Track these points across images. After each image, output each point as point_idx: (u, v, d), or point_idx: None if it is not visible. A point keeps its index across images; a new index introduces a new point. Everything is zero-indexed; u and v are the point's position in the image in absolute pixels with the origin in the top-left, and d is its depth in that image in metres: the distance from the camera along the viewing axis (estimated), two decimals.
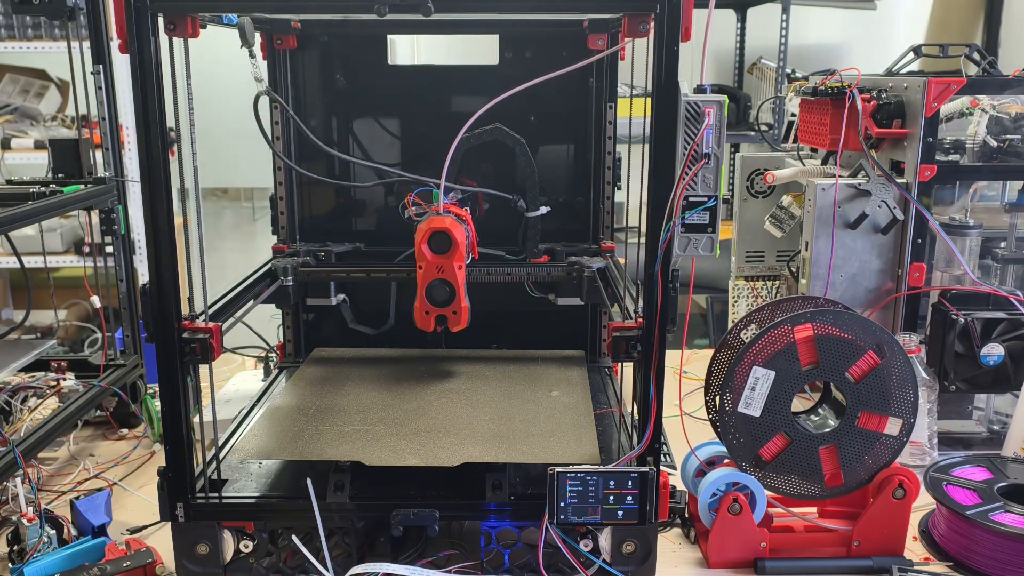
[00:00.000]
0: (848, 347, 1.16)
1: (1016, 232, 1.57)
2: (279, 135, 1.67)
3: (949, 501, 1.22)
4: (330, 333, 1.75)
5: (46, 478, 1.49)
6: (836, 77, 1.56)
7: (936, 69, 1.72)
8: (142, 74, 1.04)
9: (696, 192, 1.07)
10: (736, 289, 1.82)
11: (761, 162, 1.77)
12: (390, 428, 1.29)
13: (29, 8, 1.52)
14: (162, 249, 1.09)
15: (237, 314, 1.38)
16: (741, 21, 4.37)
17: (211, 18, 1.22)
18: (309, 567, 1.13)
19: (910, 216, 1.50)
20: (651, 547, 1.15)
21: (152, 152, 1.06)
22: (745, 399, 1.16)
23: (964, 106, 1.53)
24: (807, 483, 1.20)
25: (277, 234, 1.73)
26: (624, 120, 1.66)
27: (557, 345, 1.68)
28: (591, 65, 1.63)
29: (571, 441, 1.24)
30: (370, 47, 1.69)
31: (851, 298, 1.54)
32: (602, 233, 1.73)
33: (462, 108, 1.70)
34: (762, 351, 1.16)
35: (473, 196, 1.56)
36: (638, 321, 1.12)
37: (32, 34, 3.33)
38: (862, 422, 1.18)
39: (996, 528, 1.15)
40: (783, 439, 1.18)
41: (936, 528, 1.28)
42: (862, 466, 1.19)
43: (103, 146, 1.62)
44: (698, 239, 1.09)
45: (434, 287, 1.34)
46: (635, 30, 1.08)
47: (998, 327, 1.45)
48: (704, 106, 1.04)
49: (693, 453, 1.24)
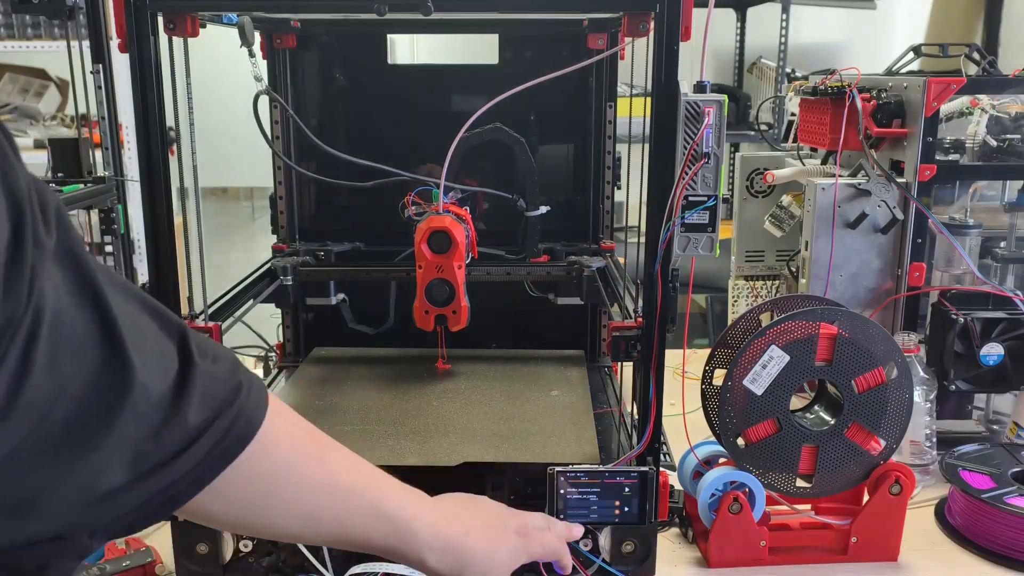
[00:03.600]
0: (864, 357, 1.17)
1: (1016, 232, 1.57)
2: (279, 135, 1.67)
3: (965, 486, 1.26)
4: (330, 333, 1.74)
5: None
6: (836, 77, 1.56)
7: (936, 69, 1.72)
8: (142, 74, 1.04)
9: (696, 191, 1.07)
10: (736, 289, 1.82)
11: (761, 162, 1.77)
12: (389, 428, 1.29)
13: (29, 7, 1.52)
14: (162, 249, 1.09)
15: (237, 313, 1.38)
16: (741, 21, 4.37)
17: (211, 17, 1.22)
18: (308, 567, 1.13)
19: (910, 216, 1.50)
20: (651, 547, 1.15)
21: (152, 152, 1.06)
22: (753, 374, 1.16)
23: (964, 106, 1.53)
24: (779, 476, 1.20)
25: (277, 233, 1.73)
26: (624, 120, 1.66)
27: (557, 345, 1.68)
28: (591, 65, 1.63)
29: (571, 441, 1.25)
30: (370, 47, 1.69)
31: (851, 298, 1.54)
32: (602, 233, 1.73)
33: (462, 108, 1.69)
34: (783, 334, 1.16)
35: (473, 196, 1.56)
36: (638, 321, 1.13)
37: (31, 33, 3.33)
38: (851, 432, 1.19)
39: (1011, 511, 1.21)
40: (773, 425, 1.18)
41: (952, 513, 1.32)
42: (836, 475, 1.20)
43: (103, 145, 1.62)
44: (698, 239, 1.09)
45: (433, 287, 1.34)
46: (635, 30, 1.08)
47: (998, 327, 1.45)
48: (704, 105, 1.04)
49: (692, 451, 1.24)
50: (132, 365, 0.56)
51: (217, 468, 0.65)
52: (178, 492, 0.63)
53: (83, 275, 0.55)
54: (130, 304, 0.59)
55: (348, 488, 0.81)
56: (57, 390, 0.52)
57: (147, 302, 0.62)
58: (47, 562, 0.58)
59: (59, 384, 0.52)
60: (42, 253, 0.51)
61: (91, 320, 0.55)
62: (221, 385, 0.65)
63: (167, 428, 0.60)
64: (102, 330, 0.55)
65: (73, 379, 0.53)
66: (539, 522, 1.02)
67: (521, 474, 1.20)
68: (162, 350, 0.61)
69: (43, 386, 0.51)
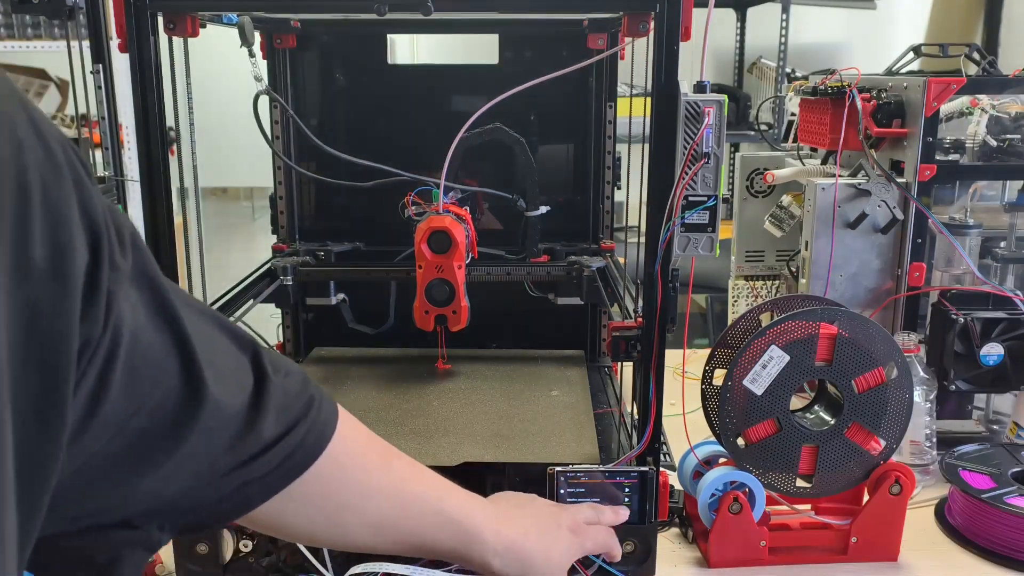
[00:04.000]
0: (864, 357, 1.17)
1: (1016, 232, 1.57)
2: (279, 134, 1.67)
3: (965, 486, 1.26)
4: (329, 333, 1.74)
5: None
6: (836, 77, 1.56)
7: (936, 69, 1.72)
8: (142, 73, 1.04)
9: (696, 191, 1.07)
10: (736, 289, 1.82)
11: (761, 162, 1.77)
12: (389, 428, 1.29)
13: (28, 7, 1.51)
14: (162, 248, 1.09)
15: (236, 313, 1.38)
16: (741, 21, 4.37)
17: (211, 17, 1.22)
18: (308, 566, 1.13)
19: (910, 216, 1.50)
20: (651, 547, 1.15)
21: (152, 152, 1.06)
22: (753, 374, 1.16)
23: (964, 106, 1.53)
24: (779, 476, 1.20)
25: (276, 233, 1.73)
26: (624, 120, 1.66)
27: (557, 345, 1.68)
28: (591, 65, 1.63)
29: (571, 441, 1.25)
30: (370, 47, 1.69)
31: (851, 298, 1.54)
32: (602, 233, 1.73)
33: (462, 108, 1.69)
34: (783, 334, 1.16)
35: (473, 196, 1.56)
36: (638, 321, 1.12)
37: (31, 33, 3.33)
38: (851, 433, 1.19)
39: (1011, 511, 1.21)
40: (773, 425, 1.18)
41: (952, 513, 1.32)
42: (836, 475, 1.20)
43: (102, 145, 1.61)
44: (698, 239, 1.09)
45: (433, 287, 1.34)
46: (635, 30, 1.08)
47: (998, 327, 1.45)
48: (704, 105, 1.04)
49: (692, 451, 1.24)
50: (205, 383, 0.58)
51: (289, 478, 0.68)
52: (250, 496, 0.66)
53: (158, 296, 0.57)
54: (204, 323, 0.62)
55: (416, 495, 0.83)
56: (134, 408, 0.54)
57: (220, 321, 0.65)
58: (118, 555, 0.60)
59: (136, 402, 0.54)
60: (119, 276, 0.52)
61: (167, 340, 0.57)
62: (294, 399, 0.68)
63: (242, 441, 0.63)
64: (177, 349, 0.57)
65: (149, 396, 0.55)
66: (589, 514, 1.04)
67: (521, 474, 1.20)
68: (237, 366, 0.64)
69: (120, 404, 0.53)
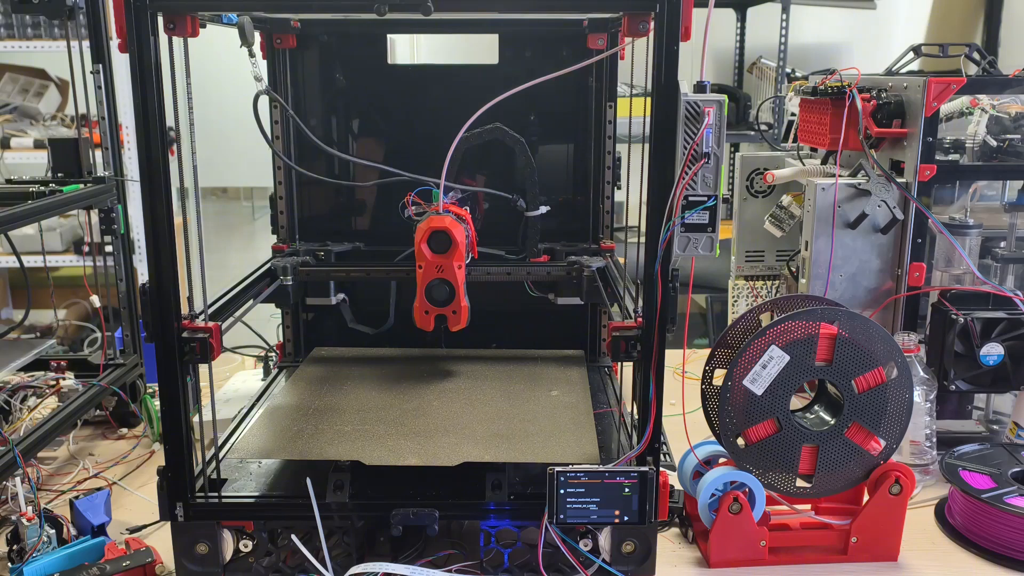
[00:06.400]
0: (864, 357, 1.17)
1: (1016, 232, 1.57)
2: (279, 135, 1.67)
3: (965, 486, 1.26)
4: (330, 333, 1.74)
5: (46, 477, 1.49)
6: (836, 77, 1.56)
7: (936, 69, 1.72)
8: (142, 73, 1.04)
9: (696, 191, 1.07)
10: (736, 289, 1.82)
11: (761, 162, 1.77)
12: (390, 428, 1.29)
13: (29, 7, 1.52)
14: (162, 249, 1.09)
15: (237, 313, 1.38)
16: (741, 21, 4.37)
17: (211, 17, 1.22)
18: (309, 567, 1.13)
19: (910, 216, 1.50)
20: (651, 547, 1.15)
21: (152, 152, 1.06)
22: (753, 374, 1.16)
23: (964, 106, 1.53)
24: (779, 476, 1.20)
25: (277, 233, 1.73)
26: (624, 120, 1.66)
27: (557, 345, 1.68)
28: (591, 65, 1.63)
29: (571, 441, 1.24)
30: (370, 46, 1.69)
31: (851, 298, 1.54)
32: (602, 233, 1.73)
33: (462, 108, 1.69)
34: (783, 334, 1.16)
35: (473, 196, 1.56)
36: (638, 321, 1.12)
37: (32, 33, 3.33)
38: (851, 433, 1.19)
39: (1011, 511, 1.21)
40: (773, 425, 1.18)
41: (952, 513, 1.32)
42: (836, 475, 1.20)
43: (103, 145, 1.62)
44: (698, 239, 1.09)
45: (434, 286, 1.34)
46: (635, 30, 1.08)
47: (998, 327, 1.45)
48: (704, 105, 1.04)
49: (692, 451, 1.24)
50: None
51: None
52: None
53: None
54: None
55: None
56: None
57: None
58: None
59: None
60: None
61: None
62: None
63: None
64: None
65: None
66: None
67: (521, 474, 1.20)
68: None
69: None
